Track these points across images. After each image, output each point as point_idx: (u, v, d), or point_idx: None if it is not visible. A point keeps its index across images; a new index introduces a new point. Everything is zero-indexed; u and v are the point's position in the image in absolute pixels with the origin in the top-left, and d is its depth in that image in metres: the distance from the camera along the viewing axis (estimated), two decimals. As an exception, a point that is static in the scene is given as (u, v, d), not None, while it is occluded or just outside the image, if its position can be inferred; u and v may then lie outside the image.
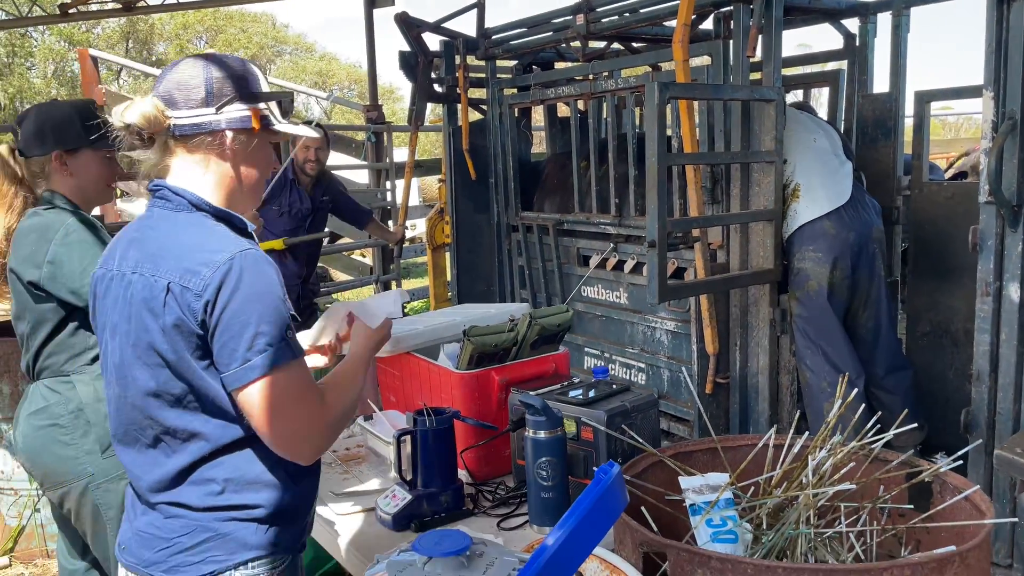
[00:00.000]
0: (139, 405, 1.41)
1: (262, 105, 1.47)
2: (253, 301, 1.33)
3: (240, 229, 1.47)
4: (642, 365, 3.85)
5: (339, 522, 1.93)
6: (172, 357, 1.36)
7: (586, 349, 4.14)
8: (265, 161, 1.52)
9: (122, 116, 1.41)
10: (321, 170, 4.51)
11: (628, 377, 3.91)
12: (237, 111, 1.44)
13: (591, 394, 1.95)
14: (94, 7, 9.58)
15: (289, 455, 1.39)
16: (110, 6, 9.57)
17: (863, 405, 1.76)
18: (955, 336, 3.40)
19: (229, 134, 1.44)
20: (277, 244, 4.34)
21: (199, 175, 1.45)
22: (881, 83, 3.87)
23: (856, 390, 1.82)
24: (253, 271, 1.35)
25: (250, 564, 1.41)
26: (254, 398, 1.33)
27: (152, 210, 1.46)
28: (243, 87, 1.45)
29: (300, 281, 4.46)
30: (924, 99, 3.40)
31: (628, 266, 3.88)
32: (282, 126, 1.51)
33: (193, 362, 1.36)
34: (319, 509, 1.98)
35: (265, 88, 1.50)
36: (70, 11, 9.24)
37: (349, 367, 1.59)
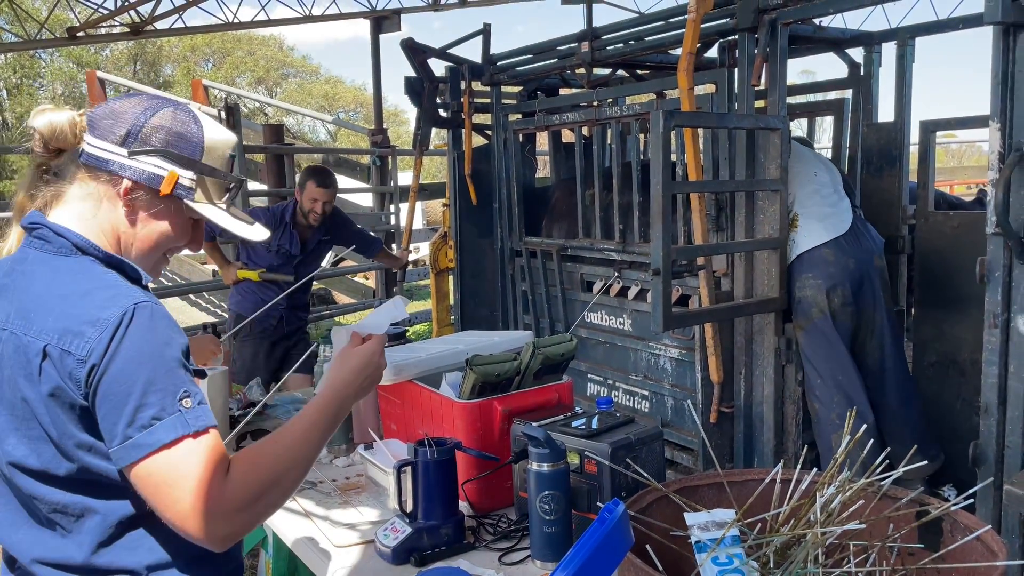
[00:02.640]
0: (16, 483, 1.21)
1: (190, 174, 1.29)
2: (139, 365, 1.13)
3: (134, 279, 1.26)
4: (646, 393, 3.81)
5: (336, 554, 1.90)
6: (54, 432, 1.15)
7: (589, 376, 4.11)
8: (165, 231, 1.31)
9: (33, 118, 1.27)
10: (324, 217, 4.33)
11: (632, 405, 3.88)
12: (151, 165, 1.27)
13: (594, 425, 1.92)
14: (102, 30, 9.67)
15: (196, 541, 1.16)
16: (118, 30, 9.65)
17: (871, 440, 1.73)
18: (962, 366, 3.37)
19: (127, 182, 1.26)
20: (252, 275, 4.22)
21: (89, 213, 1.27)
22: (886, 112, 3.88)
23: (865, 425, 1.79)
24: (145, 328, 1.15)
25: None
26: (142, 479, 1.13)
27: (27, 251, 1.25)
28: (175, 146, 1.28)
29: (283, 308, 4.26)
30: (929, 128, 3.39)
31: (632, 292, 3.86)
32: (201, 207, 1.31)
33: (80, 437, 1.15)
34: (316, 538, 1.96)
35: (214, 162, 1.32)
36: (78, 35, 9.33)
37: (307, 414, 1.31)
